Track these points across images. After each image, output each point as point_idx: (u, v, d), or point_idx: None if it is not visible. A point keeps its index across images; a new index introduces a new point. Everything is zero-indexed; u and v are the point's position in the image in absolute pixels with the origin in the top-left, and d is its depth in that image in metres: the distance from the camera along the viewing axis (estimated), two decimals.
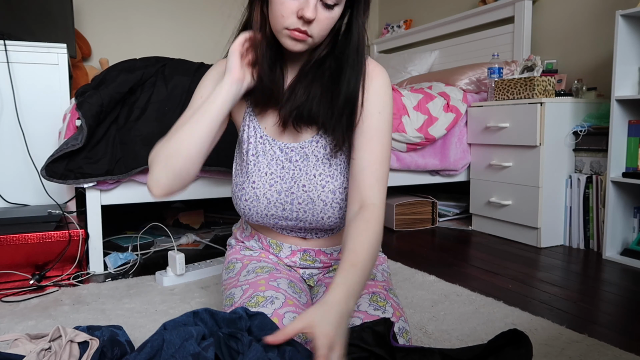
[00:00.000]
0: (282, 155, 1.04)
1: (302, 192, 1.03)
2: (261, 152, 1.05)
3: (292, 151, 1.04)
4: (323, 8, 0.88)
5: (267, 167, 1.04)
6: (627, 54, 1.91)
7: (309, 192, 1.03)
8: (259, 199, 1.04)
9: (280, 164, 1.04)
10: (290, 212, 1.05)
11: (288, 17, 0.88)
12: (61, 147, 1.63)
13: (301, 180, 1.03)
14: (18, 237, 1.60)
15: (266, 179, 1.04)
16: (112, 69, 1.76)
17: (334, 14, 0.90)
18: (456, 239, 2.30)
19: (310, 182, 1.03)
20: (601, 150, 2.06)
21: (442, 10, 3.46)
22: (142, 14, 3.49)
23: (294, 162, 1.04)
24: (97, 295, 1.53)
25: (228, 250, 1.23)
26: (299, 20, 0.88)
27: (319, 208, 1.03)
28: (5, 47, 1.98)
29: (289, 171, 1.04)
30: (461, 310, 1.37)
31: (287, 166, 1.04)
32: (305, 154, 1.03)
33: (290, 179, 1.04)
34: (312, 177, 1.03)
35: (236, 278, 1.08)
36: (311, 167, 1.03)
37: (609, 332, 1.24)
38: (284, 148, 1.04)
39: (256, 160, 1.05)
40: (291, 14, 0.88)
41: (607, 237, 1.95)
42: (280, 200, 1.04)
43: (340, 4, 0.90)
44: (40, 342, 0.95)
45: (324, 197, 1.03)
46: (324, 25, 0.90)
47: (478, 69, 2.62)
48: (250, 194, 1.04)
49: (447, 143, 2.42)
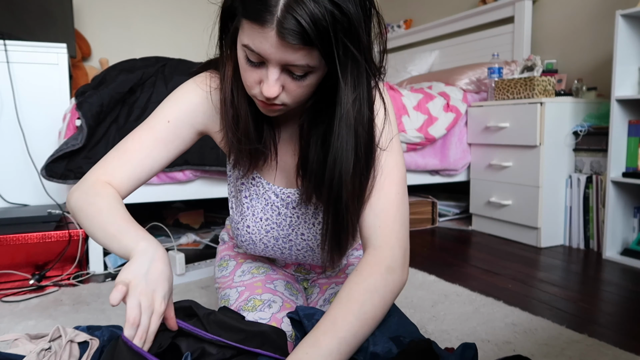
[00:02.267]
0: (277, 201, 0.93)
1: (300, 240, 0.95)
2: (255, 194, 0.95)
3: (289, 197, 0.93)
4: (291, 79, 0.69)
5: (262, 212, 0.95)
6: (627, 54, 1.91)
7: (308, 241, 0.95)
8: (256, 244, 0.97)
9: (276, 209, 0.94)
10: (289, 256, 1.00)
11: (253, 87, 0.72)
12: (61, 147, 1.63)
13: (299, 229, 0.94)
14: (18, 237, 1.60)
15: (261, 224, 0.95)
16: (112, 69, 1.76)
17: (307, 82, 0.70)
18: (456, 239, 2.30)
19: (310, 231, 0.93)
20: (601, 150, 2.06)
21: (442, 10, 3.46)
22: (142, 14, 3.49)
23: (290, 209, 0.93)
24: (97, 295, 1.53)
25: (220, 245, 1.19)
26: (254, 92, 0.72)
27: (318, 255, 0.95)
28: (5, 47, 1.98)
29: (285, 218, 0.94)
30: (461, 310, 1.37)
31: (283, 212, 0.93)
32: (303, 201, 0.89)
33: (288, 227, 0.94)
34: (310, 225, 0.93)
35: (230, 278, 1.05)
36: (310, 215, 0.92)
37: (609, 332, 1.24)
38: (279, 193, 0.93)
39: (250, 204, 0.95)
40: (255, 84, 0.72)
41: (607, 237, 1.94)
42: (278, 246, 0.98)
43: (316, 70, 0.69)
44: (40, 342, 0.95)
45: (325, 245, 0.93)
46: (297, 95, 0.72)
47: (478, 69, 2.62)
48: (245, 237, 0.97)
49: (447, 143, 2.42)
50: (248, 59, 0.70)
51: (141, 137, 0.84)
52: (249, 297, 0.97)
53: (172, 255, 1.64)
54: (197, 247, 2.16)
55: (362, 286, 0.74)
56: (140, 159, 0.84)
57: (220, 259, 1.14)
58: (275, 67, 0.68)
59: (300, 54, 0.65)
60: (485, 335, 1.20)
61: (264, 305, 0.94)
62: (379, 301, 0.73)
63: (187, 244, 2.17)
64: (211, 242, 2.20)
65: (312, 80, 0.71)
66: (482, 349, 1.13)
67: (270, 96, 0.69)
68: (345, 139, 0.72)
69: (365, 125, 0.74)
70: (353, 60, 0.68)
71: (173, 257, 1.63)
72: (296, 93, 0.72)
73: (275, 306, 0.94)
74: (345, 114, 0.71)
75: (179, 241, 2.15)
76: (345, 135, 0.72)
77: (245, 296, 0.97)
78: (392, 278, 0.76)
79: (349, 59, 0.68)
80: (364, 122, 0.73)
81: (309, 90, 0.73)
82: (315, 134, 0.79)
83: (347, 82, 0.70)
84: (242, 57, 0.71)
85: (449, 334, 1.21)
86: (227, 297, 1.01)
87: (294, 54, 0.65)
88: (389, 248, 0.78)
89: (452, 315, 1.33)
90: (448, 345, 1.14)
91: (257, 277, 1.02)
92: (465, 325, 1.26)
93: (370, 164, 0.78)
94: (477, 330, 1.23)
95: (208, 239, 2.26)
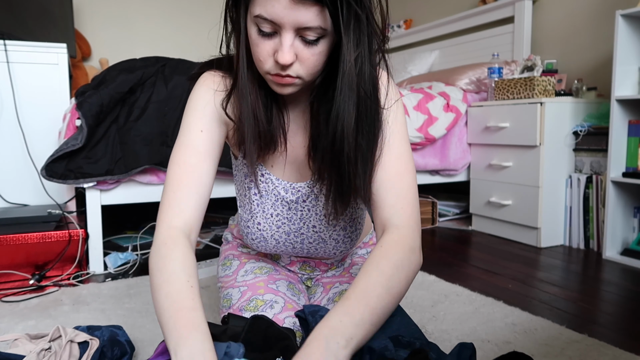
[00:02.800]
0: (287, 196, 0.95)
1: (312, 232, 0.96)
2: (264, 191, 0.95)
3: (299, 191, 0.94)
4: (304, 45, 0.72)
5: (272, 208, 0.96)
6: (627, 54, 1.91)
7: (320, 233, 0.96)
8: (267, 240, 0.99)
9: (286, 205, 0.95)
10: (300, 250, 1.01)
11: (266, 61, 0.74)
12: (61, 147, 1.63)
13: (310, 222, 0.96)
14: (18, 237, 1.60)
15: (272, 220, 0.96)
16: (112, 69, 1.76)
17: (320, 49, 0.73)
18: (456, 239, 2.30)
19: (321, 223, 0.95)
20: (601, 150, 2.06)
21: (442, 10, 3.46)
22: (142, 14, 3.49)
23: (300, 203, 0.95)
24: (97, 295, 1.53)
25: (224, 244, 1.20)
26: (277, 64, 0.73)
27: (331, 246, 0.98)
28: (5, 47, 1.98)
29: (296, 212, 0.95)
30: (461, 310, 1.37)
31: (293, 207, 0.95)
32: (313, 194, 0.94)
33: (299, 220, 0.96)
34: (322, 217, 0.94)
35: (233, 277, 1.06)
36: (320, 207, 0.94)
37: (609, 332, 1.24)
38: (289, 188, 0.94)
39: (259, 201, 0.96)
40: (268, 57, 0.73)
41: (607, 237, 1.94)
42: (290, 240, 0.99)
43: (327, 35, 0.72)
44: (40, 342, 0.95)
45: (336, 235, 0.96)
46: (311, 64, 0.74)
47: (478, 68, 2.62)
48: (256, 235, 0.98)
49: (447, 143, 2.42)
50: (260, 31, 0.72)
51: (186, 160, 0.84)
52: (251, 297, 0.97)
53: None
54: (197, 247, 2.16)
55: (391, 261, 0.76)
56: (197, 182, 0.83)
57: (224, 258, 1.14)
58: (289, 32, 0.70)
59: (312, 12, 0.68)
60: (485, 335, 1.20)
61: (266, 305, 0.94)
62: (404, 277, 0.76)
63: None
64: (211, 242, 2.20)
65: (324, 47, 0.73)
66: (482, 349, 1.13)
67: (285, 62, 0.71)
68: (347, 94, 0.74)
69: (367, 83, 0.76)
70: (355, 18, 0.71)
71: None
72: (309, 62, 0.73)
73: (277, 307, 0.94)
74: (348, 71, 0.73)
75: None
76: (347, 91, 0.74)
77: (248, 296, 0.97)
78: (414, 257, 0.79)
79: (352, 16, 0.70)
80: (365, 79, 0.75)
81: (321, 60, 0.75)
82: (324, 112, 0.80)
83: (349, 39, 0.72)
84: (253, 32, 0.73)
85: (449, 334, 1.21)
86: (230, 296, 1.01)
87: (306, 13, 0.68)
88: (410, 229, 0.81)
89: (452, 315, 1.33)
90: (448, 345, 1.14)
91: (259, 277, 1.02)
92: (465, 325, 1.26)
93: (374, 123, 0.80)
94: (477, 330, 1.23)
95: (208, 239, 2.26)
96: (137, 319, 1.33)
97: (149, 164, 1.74)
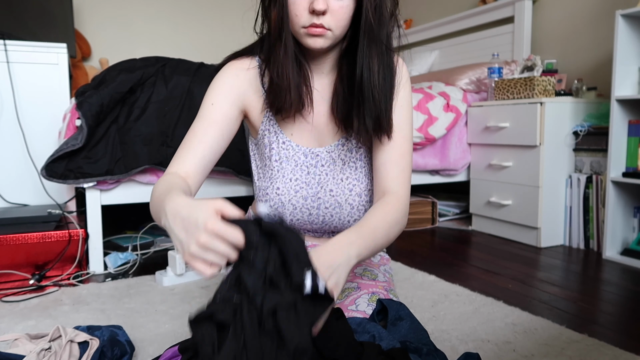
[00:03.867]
0: (307, 161, 1.03)
1: (329, 196, 1.03)
2: (284, 157, 1.03)
3: (318, 156, 1.03)
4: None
5: (292, 173, 1.03)
6: (627, 54, 1.91)
7: (337, 197, 1.02)
8: (284, 205, 1.03)
9: (305, 169, 1.03)
10: (316, 216, 1.04)
11: (302, 15, 0.88)
12: (61, 147, 1.63)
13: (328, 185, 1.03)
14: (18, 237, 1.60)
15: (291, 185, 1.02)
16: (112, 68, 1.76)
17: (347, 2, 0.88)
18: (456, 239, 2.30)
19: (338, 187, 1.03)
20: (601, 150, 2.06)
21: (442, 10, 3.46)
22: (142, 14, 3.49)
23: (319, 167, 1.03)
24: (97, 295, 1.53)
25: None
26: (312, 16, 0.87)
27: (345, 212, 1.03)
28: (5, 47, 1.98)
29: (314, 177, 1.03)
30: (461, 310, 1.37)
31: (312, 172, 1.03)
32: (331, 159, 1.03)
33: (317, 184, 1.03)
34: (339, 181, 1.03)
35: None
36: (338, 171, 1.03)
37: (609, 332, 1.24)
38: (308, 153, 1.03)
39: (280, 167, 1.03)
40: (304, 10, 0.88)
41: (607, 237, 1.95)
42: (307, 206, 1.03)
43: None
44: (40, 342, 0.95)
45: (352, 200, 1.03)
46: (340, 15, 0.89)
47: (478, 68, 2.62)
48: (275, 200, 1.03)
49: (447, 143, 2.42)
50: None
51: (195, 127, 0.97)
52: None
53: (171, 255, 1.64)
54: None
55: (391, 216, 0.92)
56: (200, 145, 0.95)
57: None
58: None
59: None
60: (485, 335, 1.20)
61: None
62: (395, 233, 0.94)
63: None
64: None
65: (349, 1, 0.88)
66: (482, 349, 1.13)
67: (320, 9, 0.85)
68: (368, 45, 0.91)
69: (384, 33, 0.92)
70: None
71: (173, 257, 1.63)
72: (339, 15, 0.88)
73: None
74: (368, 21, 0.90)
75: None
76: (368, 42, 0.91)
77: None
78: (404, 221, 0.96)
79: None
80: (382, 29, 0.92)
81: (348, 13, 0.89)
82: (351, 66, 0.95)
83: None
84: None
85: (449, 334, 1.21)
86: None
87: None
88: (405, 198, 0.98)
89: (452, 315, 1.33)
90: (448, 345, 1.14)
91: None
92: (465, 325, 1.26)
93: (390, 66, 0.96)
94: (477, 330, 1.23)
95: None
96: (137, 319, 1.33)
97: (149, 164, 1.74)
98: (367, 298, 0.97)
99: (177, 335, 1.21)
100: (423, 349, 0.75)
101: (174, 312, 1.38)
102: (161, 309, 1.41)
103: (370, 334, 0.77)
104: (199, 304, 1.44)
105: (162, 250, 2.09)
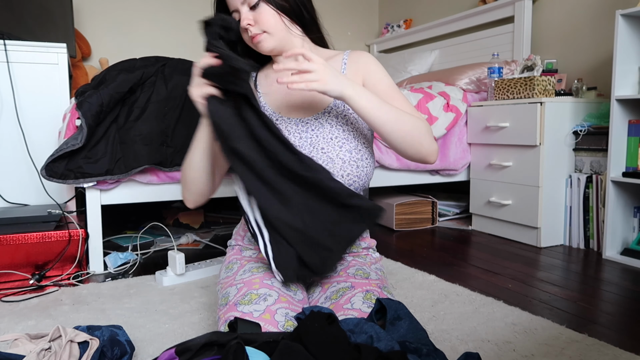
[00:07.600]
0: (297, 129, 1.13)
1: (321, 154, 1.10)
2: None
3: (307, 123, 1.13)
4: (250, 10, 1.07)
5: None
6: (627, 54, 1.91)
7: (328, 153, 1.09)
8: None
9: (297, 135, 1.12)
10: None
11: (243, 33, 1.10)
12: (61, 146, 1.63)
13: (319, 144, 1.10)
14: (18, 237, 1.60)
15: None
16: (112, 68, 1.76)
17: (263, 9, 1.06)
18: (456, 238, 2.30)
19: (328, 144, 1.10)
20: (601, 150, 2.06)
21: (442, 10, 3.46)
22: (142, 14, 3.49)
23: (310, 131, 1.12)
24: (97, 295, 1.53)
25: (229, 251, 1.25)
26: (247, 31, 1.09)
27: (338, 166, 1.09)
28: (5, 47, 1.98)
29: (306, 140, 1.12)
30: (461, 310, 1.37)
31: (304, 136, 1.12)
32: (320, 124, 1.12)
33: (309, 145, 1.11)
34: (329, 139, 1.10)
35: (233, 277, 1.09)
36: (327, 132, 1.11)
37: (609, 332, 1.24)
38: (299, 123, 1.13)
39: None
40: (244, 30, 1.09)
41: (607, 237, 1.94)
42: None
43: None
44: (40, 342, 0.95)
45: (342, 155, 1.09)
46: (264, 20, 1.06)
47: (478, 68, 2.61)
48: None
49: (447, 143, 2.42)
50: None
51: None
52: (246, 292, 0.99)
53: (171, 255, 1.64)
54: (197, 247, 2.16)
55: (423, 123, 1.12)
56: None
57: (228, 262, 1.19)
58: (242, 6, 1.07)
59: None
60: (485, 335, 1.20)
61: (260, 298, 0.96)
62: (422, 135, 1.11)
63: (187, 244, 2.17)
64: (211, 242, 2.20)
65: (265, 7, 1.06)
66: (482, 349, 1.13)
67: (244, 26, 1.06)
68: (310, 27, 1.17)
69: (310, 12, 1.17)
70: None
71: (173, 257, 1.63)
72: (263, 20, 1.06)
73: (271, 299, 0.96)
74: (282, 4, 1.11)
75: (179, 241, 2.15)
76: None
77: (243, 292, 1.00)
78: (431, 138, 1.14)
79: None
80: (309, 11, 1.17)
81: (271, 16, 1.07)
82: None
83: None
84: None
85: (449, 334, 1.21)
86: (227, 294, 1.04)
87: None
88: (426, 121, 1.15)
89: (452, 315, 1.33)
90: (448, 345, 1.14)
91: (256, 275, 1.05)
92: (465, 325, 1.26)
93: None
94: (477, 330, 1.23)
95: (208, 238, 2.26)
96: (137, 319, 1.33)
97: (148, 164, 1.74)
98: (362, 296, 0.98)
99: (177, 335, 1.21)
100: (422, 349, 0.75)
101: (174, 312, 1.38)
102: (161, 309, 1.41)
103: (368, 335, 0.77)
104: (199, 304, 1.44)
105: (162, 250, 2.09)
